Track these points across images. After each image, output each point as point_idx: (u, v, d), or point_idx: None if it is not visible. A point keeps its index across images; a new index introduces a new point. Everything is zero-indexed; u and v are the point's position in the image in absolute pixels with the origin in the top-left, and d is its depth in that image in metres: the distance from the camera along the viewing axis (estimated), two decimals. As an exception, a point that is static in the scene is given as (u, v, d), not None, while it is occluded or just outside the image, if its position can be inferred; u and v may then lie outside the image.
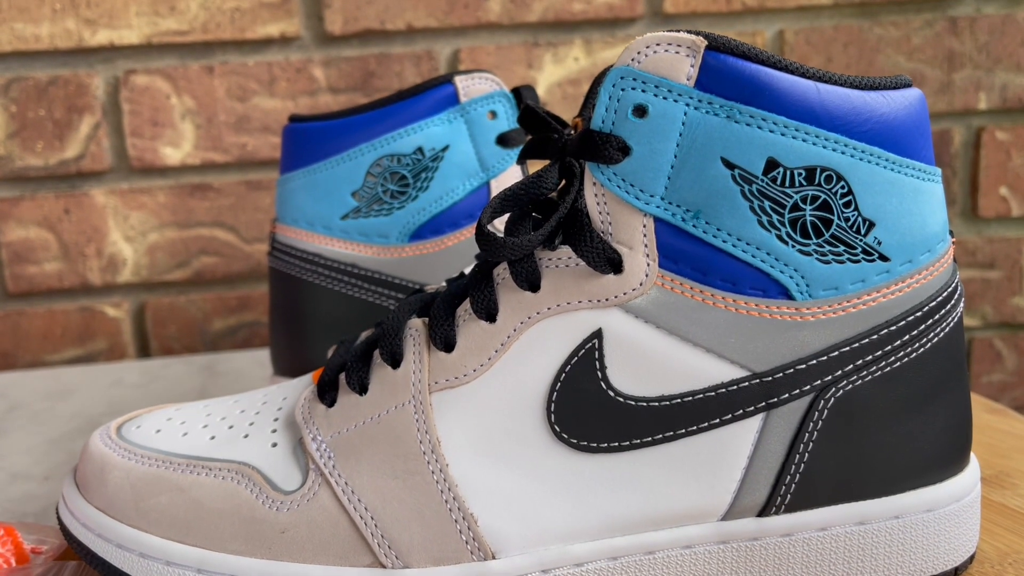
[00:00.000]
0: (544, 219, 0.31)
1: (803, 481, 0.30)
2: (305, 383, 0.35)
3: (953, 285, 0.31)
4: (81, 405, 0.62)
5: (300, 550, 0.30)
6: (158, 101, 0.74)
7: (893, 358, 0.30)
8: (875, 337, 0.30)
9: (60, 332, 0.76)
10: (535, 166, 0.55)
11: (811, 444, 0.30)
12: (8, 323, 0.76)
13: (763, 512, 0.30)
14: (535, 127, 0.34)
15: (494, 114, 0.46)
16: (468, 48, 0.75)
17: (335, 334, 0.46)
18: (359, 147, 0.46)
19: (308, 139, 0.47)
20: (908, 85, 0.30)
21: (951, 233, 0.32)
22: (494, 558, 0.30)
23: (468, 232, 0.46)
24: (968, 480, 0.32)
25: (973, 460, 0.33)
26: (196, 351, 0.78)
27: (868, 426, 0.30)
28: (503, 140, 0.46)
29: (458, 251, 0.46)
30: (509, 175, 0.46)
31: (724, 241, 0.29)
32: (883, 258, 0.29)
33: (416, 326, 0.32)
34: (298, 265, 0.47)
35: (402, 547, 0.30)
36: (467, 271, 0.35)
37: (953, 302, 0.31)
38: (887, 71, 0.78)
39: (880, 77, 0.30)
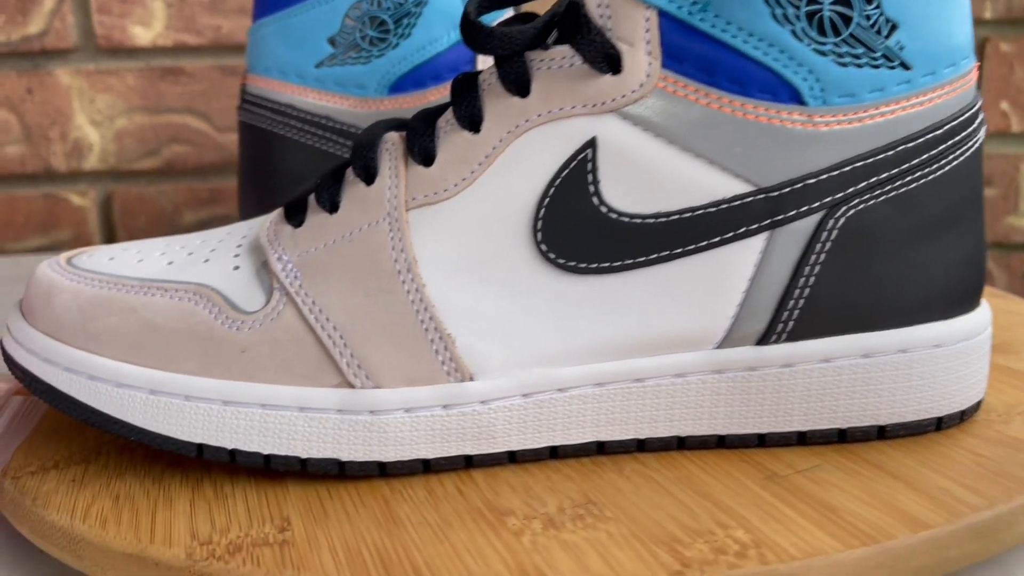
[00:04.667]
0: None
1: (807, 308, 0.28)
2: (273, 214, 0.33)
3: (975, 109, 0.29)
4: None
5: (261, 370, 0.28)
6: (127, -24, 0.70)
7: (909, 178, 0.28)
8: (891, 153, 0.27)
9: (22, 220, 0.73)
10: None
11: (817, 267, 0.28)
12: (-33, 207, 0.72)
13: (763, 340, 0.28)
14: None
15: (483, -41, 0.43)
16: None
17: (308, 191, 0.43)
18: (337, -11, 0.43)
19: (283, -18, 0.44)
20: None
21: (976, 55, 0.29)
22: (472, 379, 0.28)
23: (452, 87, 0.43)
24: (980, 320, 0.30)
25: (984, 304, 0.31)
26: (165, 245, 0.75)
27: (879, 251, 0.28)
28: (492, -11, 0.43)
29: (441, 107, 0.43)
30: (497, 27, 0.43)
31: (733, 36, 0.26)
32: (904, 66, 0.27)
33: (392, 139, 0.29)
34: (269, 117, 0.44)
35: (372, 366, 0.28)
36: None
37: (975, 126, 0.29)
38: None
39: None
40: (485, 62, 0.44)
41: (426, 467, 0.28)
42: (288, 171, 0.44)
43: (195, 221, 0.75)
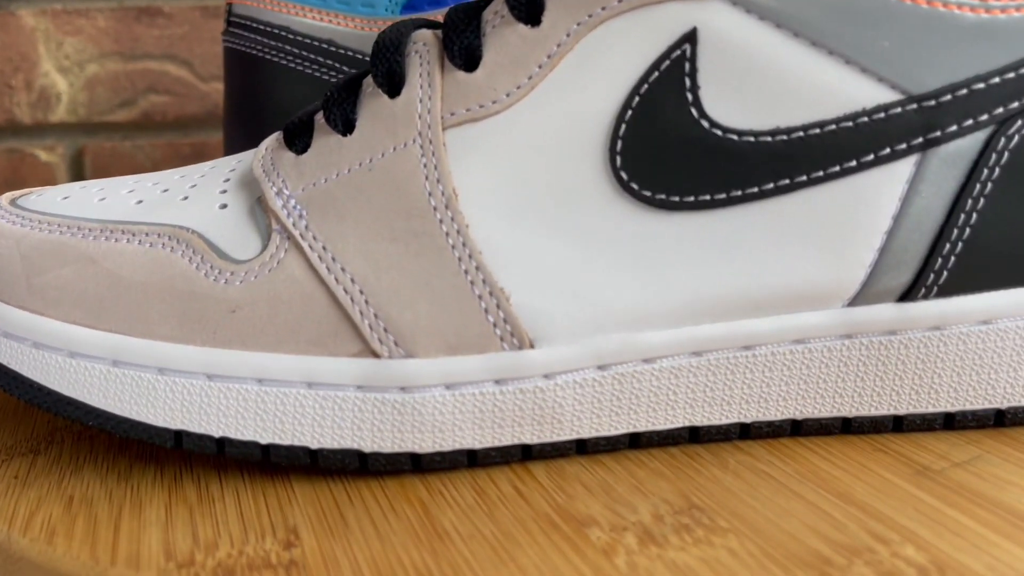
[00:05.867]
0: None
1: (967, 253, 0.22)
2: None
3: None
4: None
5: (257, 334, 0.22)
6: (97, -97, 0.63)
7: (1102, 84, 0.21)
8: (1082, 51, 0.21)
9: (-16, 177, 0.66)
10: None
11: (982, 200, 0.21)
12: (-80, 163, 0.66)
13: (907, 296, 0.22)
14: None
15: None
16: None
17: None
18: None
19: None
20: None
21: None
22: (532, 346, 0.21)
23: (477, 6, 0.36)
24: None
25: None
26: (143, 205, 0.69)
27: (1060, 179, 0.22)
28: None
29: (464, 29, 0.37)
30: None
31: None
32: (1103, -65, 0.21)
33: (425, 38, 0.23)
34: (260, 42, 0.37)
35: (403, 330, 0.21)
36: None
37: None
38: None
39: None
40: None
41: (472, 460, 0.22)
42: (283, 106, 0.37)
43: (176, 179, 0.69)
